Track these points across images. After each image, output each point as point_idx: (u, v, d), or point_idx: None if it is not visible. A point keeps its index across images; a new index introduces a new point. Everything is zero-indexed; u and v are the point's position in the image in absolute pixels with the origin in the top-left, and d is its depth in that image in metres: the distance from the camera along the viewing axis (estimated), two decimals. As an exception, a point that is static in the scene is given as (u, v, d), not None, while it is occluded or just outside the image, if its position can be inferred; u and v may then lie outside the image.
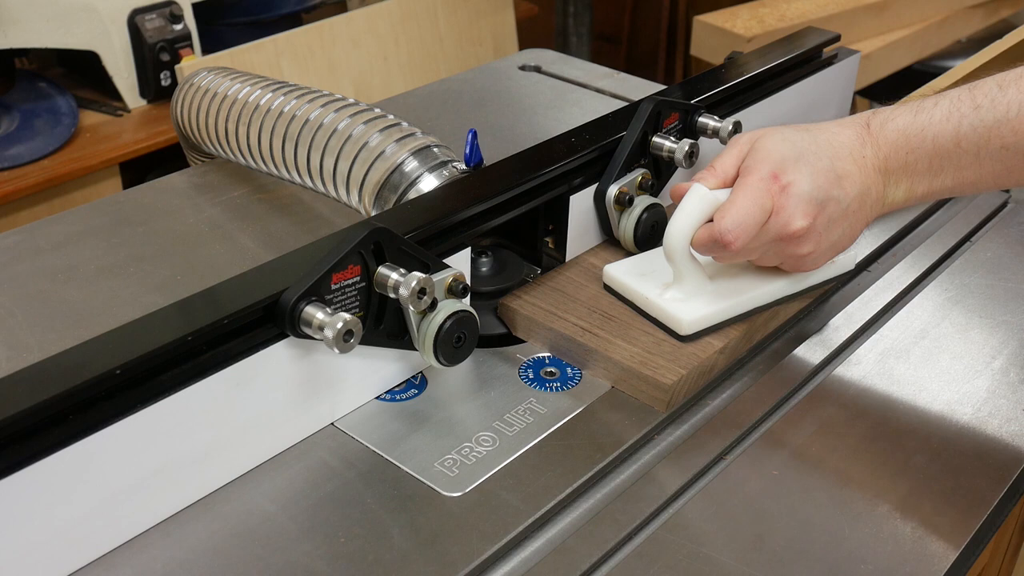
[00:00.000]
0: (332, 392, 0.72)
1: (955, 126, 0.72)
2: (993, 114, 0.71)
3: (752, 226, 0.73)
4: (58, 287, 0.87)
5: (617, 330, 0.80)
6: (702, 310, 0.78)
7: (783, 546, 0.65)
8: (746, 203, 0.73)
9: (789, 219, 0.74)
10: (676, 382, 0.74)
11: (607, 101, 1.26)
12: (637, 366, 0.75)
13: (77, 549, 0.61)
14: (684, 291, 0.79)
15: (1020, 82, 0.71)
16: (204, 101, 0.99)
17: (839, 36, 1.15)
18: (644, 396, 0.75)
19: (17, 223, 1.53)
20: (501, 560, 0.64)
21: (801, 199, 0.73)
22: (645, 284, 0.81)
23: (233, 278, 0.68)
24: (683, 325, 0.78)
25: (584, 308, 0.82)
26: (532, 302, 0.82)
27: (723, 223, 0.73)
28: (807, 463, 0.72)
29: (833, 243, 0.77)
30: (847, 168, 0.75)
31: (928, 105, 0.75)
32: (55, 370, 0.58)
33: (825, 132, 0.77)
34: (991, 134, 0.71)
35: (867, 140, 0.76)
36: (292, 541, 0.63)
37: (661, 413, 0.74)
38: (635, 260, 0.85)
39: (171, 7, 1.81)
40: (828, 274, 0.85)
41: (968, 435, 0.74)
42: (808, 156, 0.74)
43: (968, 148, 0.72)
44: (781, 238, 0.75)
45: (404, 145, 0.85)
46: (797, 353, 0.82)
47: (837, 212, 0.75)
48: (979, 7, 1.97)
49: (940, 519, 0.67)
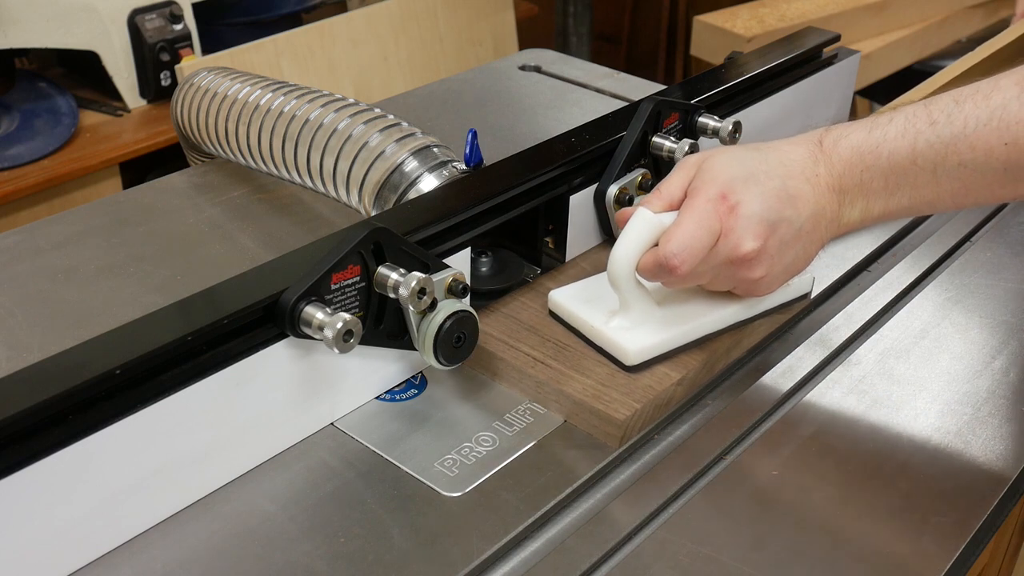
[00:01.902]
0: (332, 392, 0.72)
1: (911, 142, 0.70)
2: (950, 130, 0.68)
3: (699, 249, 0.70)
4: (58, 287, 0.87)
5: (571, 360, 0.76)
6: (649, 339, 0.75)
7: (783, 546, 0.65)
8: (692, 226, 0.70)
9: (738, 241, 0.71)
10: (629, 417, 0.70)
11: (607, 101, 1.26)
12: (589, 400, 0.72)
13: (77, 549, 0.61)
14: (631, 319, 0.76)
15: (977, 97, 0.68)
16: (204, 101, 0.99)
17: (839, 36, 1.15)
18: (597, 432, 0.72)
19: (17, 223, 1.53)
20: (501, 560, 0.64)
21: (751, 220, 0.71)
22: (591, 311, 0.78)
23: (233, 278, 0.68)
24: (629, 355, 0.74)
25: (537, 336, 0.78)
26: (484, 331, 0.77)
27: (668, 247, 0.70)
28: (807, 463, 0.72)
29: (787, 266, 0.74)
30: (800, 187, 0.72)
31: (883, 121, 0.72)
32: (55, 370, 0.58)
33: (776, 151, 0.74)
34: (948, 150, 0.69)
35: (820, 158, 0.73)
36: (292, 541, 0.63)
37: (614, 449, 0.71)
38: (582, 285, 0.82)
39: (171, 7, 1.81)
40: (784, 298, 0.82)
41: (968, 435, 0.74)
42: (758, 176, 0.72)
43: (925, 165, 0.70)
44: (731, 261, 0.72)
45: (404, 145, 0.85)
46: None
47: (790, 233, 0.72)
48: (979, 7, 1.97)
49: (940, 519, 0.67)
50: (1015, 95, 0.67)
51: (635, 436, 0.72)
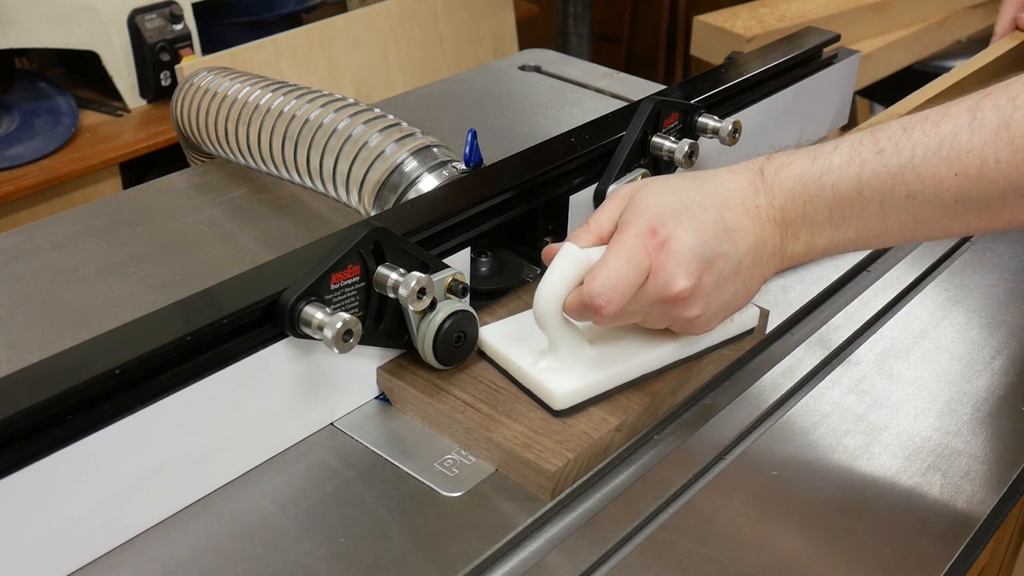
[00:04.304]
0: (332, 392, 0.72)
1: (856, 172, 0.66)
2: (897, 159, 0.64)
3: (626, 288, 0.66)
4: (58, 287, 0.87)
5: (503, 404, 0.71)
6: (579, 381, 0.70)
7: (783, 546, 0.65)
8: (618, 262, 0.66)
9: (669, 279, 0.66)
10: (561, 468, 0.66)
11: (607, 101, 1.26)
12: (519, 449, 0.67)
13: (77, 549, 0.61)
14: (560, 360, 0.71)
15: (926, 124, 0.64)
16: (204, 101, 0.99)
17: (839, 36, 1.15)
18: (528, 483, 0.67)
19: (17, 223, 1.53)
20: (501, 560, 0.64)
21: (683, 256, 0.66)
22: (519, 351, 0.73)
23: (233, 278, 0.68)
24: (556, 399, 0.69)
25: (471, 377, 0.74)
26: (414, 371, 0.74)
27: (592, 286, 0.66)
28: (807, 463, 0.72)
29: (725, 303, 0.70)
30: (738, 220, 0.68)
31: (827, 149, 0.68)
32: (55, 370, 0.58)
33: (714, 180, 0.70)
34: (895, 181, 0.64)
35: (760, 188, 0.69)
36: (292, 541, 0.63)
37: (546, 501, 0.67)
38: (513, 321, 0.77)
39: (171, 7, 1.81)
40: (725, 334, 0.77)
41: (968, 435, 0.74)
42: (692, 208, 0.67)
43: (871, 196, 0.65)
44: (663, 300, 0.68)
45: (404, 145, 0.85)
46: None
47: (727, 269, 0.68)
48: (979, 7, 1.97)
49: (940, 519, 0.67)
50: (965, 123, 0.62)
51: (569, 487, 0.68)
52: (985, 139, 0.61)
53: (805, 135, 1.15)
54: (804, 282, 0.89)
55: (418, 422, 0.73)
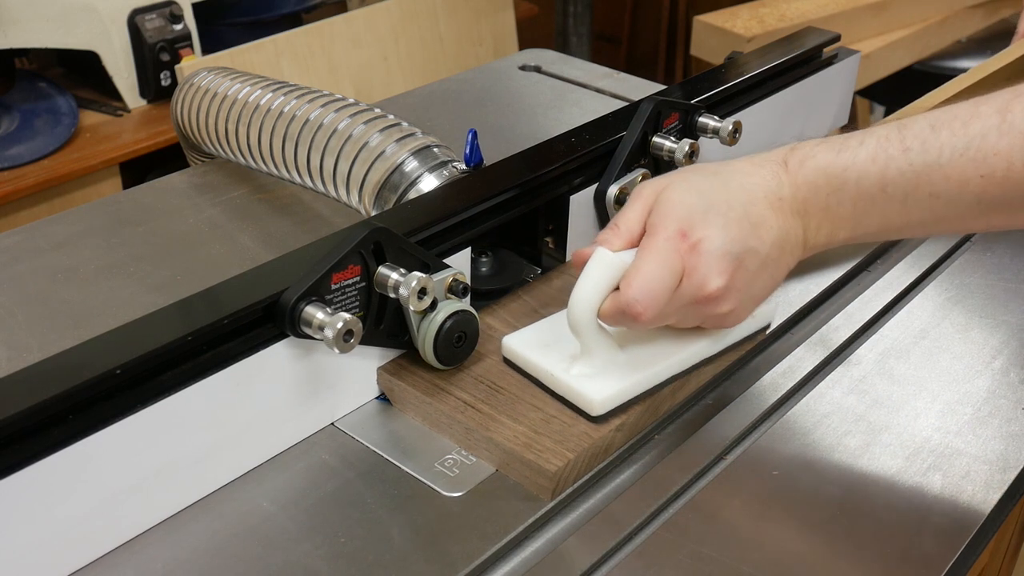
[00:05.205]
0: (332, 392, 0.72)
1: (881, 169, 0.66)
2: (924, 158, 0.64)
3: (662, 293, 0.66)
4: (58, 287, 0.87)
5: (503, 405, 0.71)
6: (615, 386, 0.70)
7: (783, 546, 0.65)
8: (653, 267, 0.66)
9: (703, 280, 0.67)
10: (561, 468, 0.66)
11: (607, 101, 1.26)
12: (520, 449, 0.67)
13: (77, 549, 0.61)
14: (593, 365, 0.71)
15: (954, 124, 0.64)
16: (204, 101, 0.99)
17: (839, 36, 1.15)
18: (528, 483, 0.67)
19: (17, 223, 1.53)
20: (501, 560, 0.64)
21: (714, 256, 0.67)
22: (550, 358, 0.72)
23: (233, 278, 0.68)
24: (594, 405, 0.69)
25: (471, 377, 0.74)
26: (415, 371, 0.74)
27: (629, 293, 0.66)
28: (807, 463, 0.72)
29: (755, 295, 0.71)
30: (762, 214, 0.68)
31: (853, 143, 0.68)
32: (55, 370, 0.58)
33: (738, 174, 0.70)
34: (920, 180, 0.65)
35: (784, 180, 0.69)
36: (292, 541, 0.63)
37: (547, 501, 0.67)
38: (537, 328, 0.77)
39: (171, 7, 1.81)
40: (749, 329, 0.78)
41: (968, 435, 0.74)
42: (719, 206, 0.68)
43: (894, 194, 0.66)
44: (697, 301, 0.68)
45: (404, 145, 0.85)
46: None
47: (756, 263, 0.69)
48: (979, 7, 1.97)
49: (940, 519, 0.67)
50: (995, 124, 0.62)
51: (570, 487, 0.68)
52: (1014, 142, 0.62)
53: (805, 135, 1.14)
54: (804, 282, 0.89)
55: (418, 422, 0.73)
